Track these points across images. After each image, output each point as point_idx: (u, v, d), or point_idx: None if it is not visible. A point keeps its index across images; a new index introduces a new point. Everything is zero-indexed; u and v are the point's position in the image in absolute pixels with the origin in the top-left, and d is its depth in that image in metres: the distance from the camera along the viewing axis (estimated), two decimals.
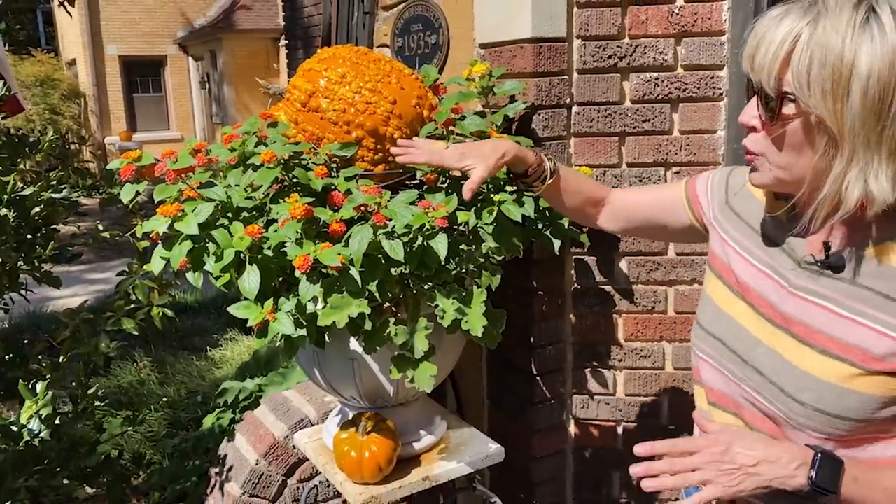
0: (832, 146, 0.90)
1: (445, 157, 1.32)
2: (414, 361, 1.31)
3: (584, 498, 2.02)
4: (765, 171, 0.99)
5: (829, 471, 0.91)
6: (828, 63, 0.87)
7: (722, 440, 0.94)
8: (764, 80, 0.92)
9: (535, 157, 1.34)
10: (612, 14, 1.74)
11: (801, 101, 0.89)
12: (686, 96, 1.76)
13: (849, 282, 0.98)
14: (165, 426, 3.93)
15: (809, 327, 1.00)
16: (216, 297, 6.53)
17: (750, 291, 1.09)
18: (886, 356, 0.93)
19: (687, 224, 1.27)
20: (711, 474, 0.92)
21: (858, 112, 0.87)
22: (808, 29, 0.89)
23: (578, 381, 1.93)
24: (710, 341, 1.13)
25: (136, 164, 1.35)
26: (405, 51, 2.17)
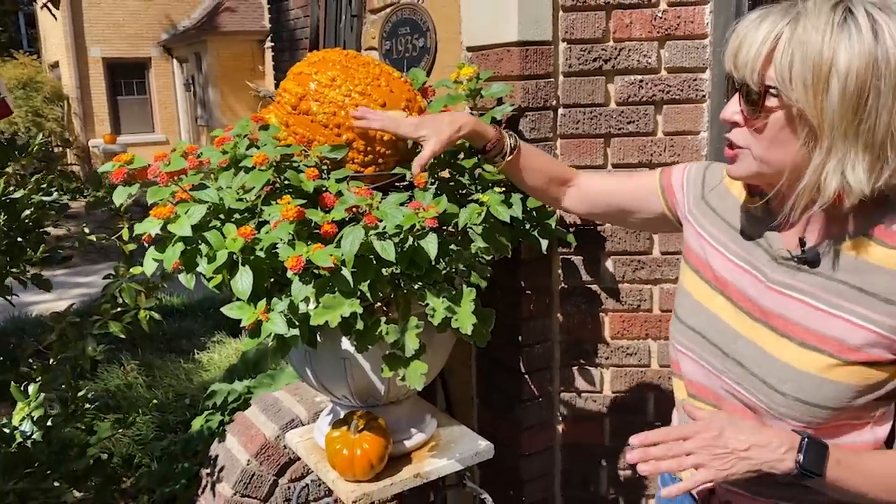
0: (812, 138, 0.95)
1: (401, 125, 1.35)
2: (405, 360, 1.33)
3: (573, 494, 2.05)
4: (746, 163, 1.02)
5: (815, 455, 0.95)
6: (808, 59, 0.91)
7: (714, 425, 0.98)
8: (748, 76, 0.96)
9: (494, 132, 1.36)
10: (596, 18, 1.77)
11: (784, 95, 0.94)
12: (670, 98, 1.80)
13: (825, 276, 1.02)
14: (153, 429, 3.93)
15: (788, 320, 1.04)
16: (203, 300, 6.52)
17: (728, 286, 1.12)
18: (862, 347, 0.98)
19: (659, 213, 1.31)
20: (704, 458, 0.95)
21: (837, 106, 0.91)
22: (789, 28, 0.93)
23: (566, 378, 1.96)
24: (689, 334, 1.17)
25: (128, 167, 1.37)
26: (393, 53, 2.19)
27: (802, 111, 0.93)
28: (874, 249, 0.99)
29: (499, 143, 1.35)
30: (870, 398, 1.01)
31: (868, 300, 0.98)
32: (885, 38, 0.90)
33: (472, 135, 1.35)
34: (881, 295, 0.97)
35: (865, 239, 1.00)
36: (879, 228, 1.00)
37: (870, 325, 0.98)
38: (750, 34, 0.97)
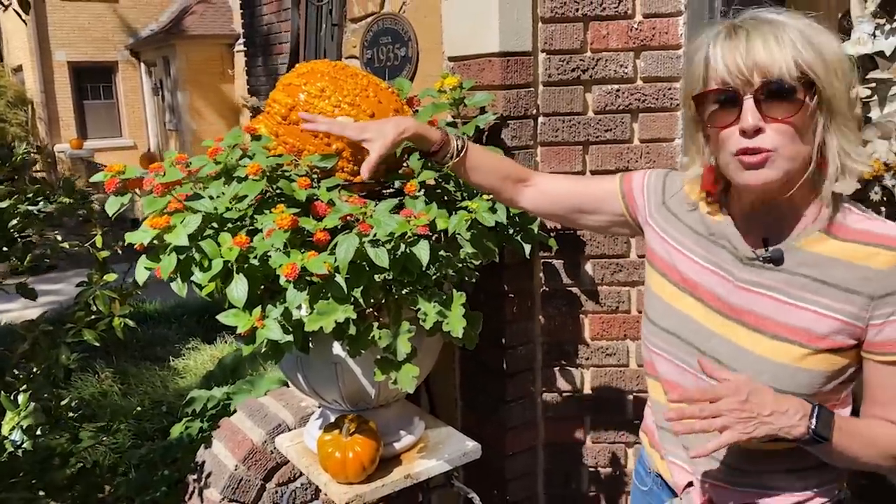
0: (829, 123, 1.03)
1: (347, 128, 1.39)
2: (397, 363, 1.37)
3: (555, 493, 2.10)
4: (779, 166, 1.04)
5: (825, 421, 1.02)
6: (819, 52, 1.01)
7: (743, 390, 1.02)
8: (783, 73, 1.00)
9: (439, 135, 1.38)
10: (574, 29, 1.83)
11: (821, 84, 1.01)
12: (645, 107, 1.86)
13: (788, 272, 1.10)
14: (130, 437, 3.90)
15: (759, 315, 1.11)
16: (176, 307, 6.48)
17: (697, 287, 1.18)
18: (828, 335, 1.06)
19: (618, 215, 1.36)
20: (731, 421, 1.01)
21: (844, 89, 1.02)
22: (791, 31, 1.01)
23: (548, 379, 2.02)
24: (663, 336, 1.22)
25: (121, 177, 1.39)
26: (374, 62, 2.23)
27: (831, 97, 1.01)
28: (830, 244, 1.07)
29: (445, 145, 1.38)
30: (836, 383, 1.09)
31: (830, 291, 1.06)
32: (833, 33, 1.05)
33: (416, 137, 1.38)
34: (841, 285, 1.05)
35: (822, 234, 1.08)
36: (833, 225, 1.08)
37: (833, 313, 1.05)
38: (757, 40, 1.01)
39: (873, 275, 1.03)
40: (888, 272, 1.03)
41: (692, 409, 1.03)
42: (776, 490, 1.16)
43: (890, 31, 1.56)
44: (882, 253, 1.04)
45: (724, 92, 1.04)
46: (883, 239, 1.05)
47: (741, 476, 1.17)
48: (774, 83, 1.00)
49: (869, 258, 1.04)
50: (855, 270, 1.05)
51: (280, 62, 5.40)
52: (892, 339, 1.04)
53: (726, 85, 1.03)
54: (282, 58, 5.43)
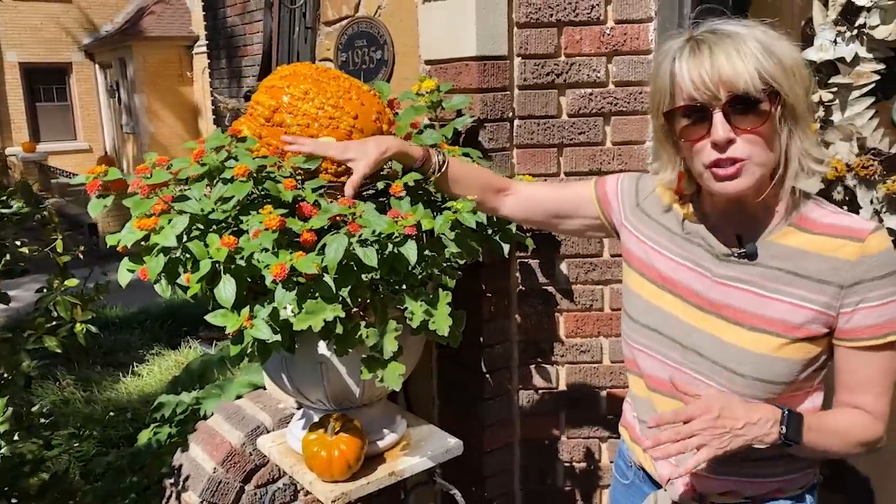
0: (793, 128, 1.09)
1: (329, 148, 1.40)
2: (383, 362, 1.39)
3: (531, 488, 2.14)
4: (752, 173, 1.09)
5: (795, 425, 1.08)
6: (779, 61, 1.06)
7: (714, 407, 1.07)
8: (749, 86, 1.04)
9: (421, 152, 1.42)
10: (549, 34, 1.87)
11: (784, 92, 1.06)
12: (617, 110, 1.91)
13: (763, 266, 1.15)
14: (95, 445, 3.84)
15: (737, 309, 1.16)
16: (139, 312, 6.38)
17: (676, 284, 1.24)
18: (804, 324, 1.12)
19: (594, 219, 1.41)
20: (706, 438, 1.06)
21: (803, 95, 1.08)
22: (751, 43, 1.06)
23: (524, 376, 2.05)
24: (645, 332, 1.27)
25: (103, 179, 1.38)
26: (349, 65, 2.25)
27: (794, 105, 1.07)
28: (801, 237, 1.14)
29: (427, 161, 1.43)
30: (811, 370, 1.15)
31: (803, 282, 1.12)
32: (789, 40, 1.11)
33: (398, 156, 1.41)
34: (813, 276, 1.11)
35: (792, 229, 1.15)
36: (801, 219, 1.15)
37: (807, 304, 1.12)
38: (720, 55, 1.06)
39: (842, 265, 1.10)
40: (855, 262, 1.09)
41: (667, 433, 1.07)
42: (756, 477, 1.22)
43: (850, 39, 1.63)
44: (849, 244, 1.10)
45: (693, 108, 1.09)
46: (849, 231, 1.11)
47: (723, 465, 1.22)
48: (741, 96, 1.06)
49: (837, 249, 1.10)
50: (825, 261, 1.11)
51: (245, 64, 5.36)
52: (860, 325, 1.10)
53: (694, 100, 1.08)
54: (246, 60, 5.40)
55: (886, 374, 1.13)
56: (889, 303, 1.10)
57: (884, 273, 1.09)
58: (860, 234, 1.10)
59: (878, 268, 1.09)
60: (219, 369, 4.12)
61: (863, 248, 1.09)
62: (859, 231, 1.10)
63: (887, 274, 1.09)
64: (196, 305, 5.78)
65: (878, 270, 1.09)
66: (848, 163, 1.68)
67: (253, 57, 5.15)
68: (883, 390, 1.14)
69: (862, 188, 1.68)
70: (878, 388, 1.14)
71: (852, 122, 1.68)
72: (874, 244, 1.09)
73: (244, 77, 5.33)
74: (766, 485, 1.22)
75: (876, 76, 1.64)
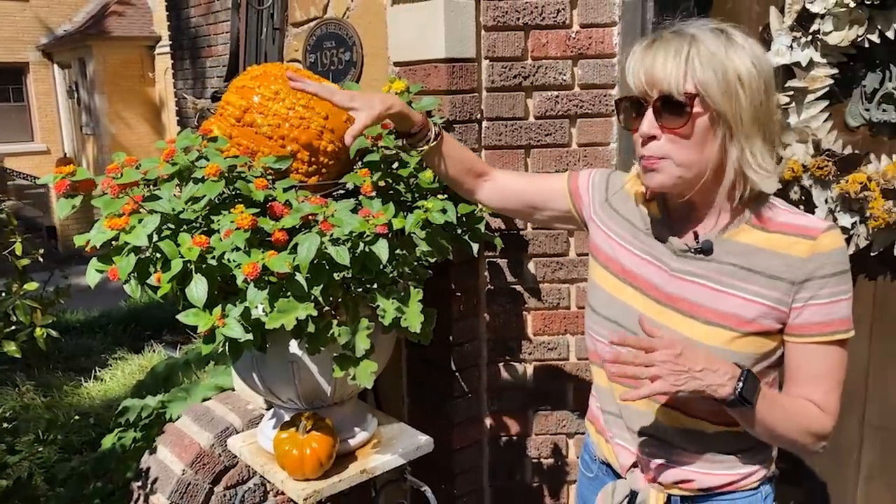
0: (728, 136, 1.12)
1: (336, 94, 1.39)
2: (355, 360, 1.40)
3: (500, 485, 2.17)
4: (669, 171, 1.16)
5: (751, 386, 1.10)
6: (720, 69, 1.09)
7: (678, 345, 1.10)
8: (671, 89, 1.10)
9: (420, 118, 1.44)
10: (516, 37, 1.91)
11: (708, 100, 1.10)
12: (583, 112, 1.95)
13: (718, 261, 1.20)
14: (56, 451, 3.77)
15: (692, 303, 1.20)
16: (100, 317, 6.28)
17: (637, 278, 1.27)
18: (756, 318, 1.16)
19: (565, 211, 1.46)
20: (663, 371, 1.09)
21: (747, 106, 1.11)
22: (693, 47, 1.10)
23: (493, 375, 2.08)
24: (606, 324, 1.31)
25: (72, 179, 1.38)
26: (318, 66, 2.25)
27: (723, 112, 1.10)
28: (756, 235, 1.18)
29: (424, 128, 1.44)
30: (764, 365, 1.19)
31: (756, 278, 1.16)
32: (758, 51, 1.13)
33: (400, 115, 1.41)
34: (766, 272, 1.15)
35: (747, 227, 1.19)
36: (755, 217, 1.19)
37: (760, 299, 1.16)
38: (652, 56, 1.12)
39: (794, 262, 1.14)
40: (807, 259, 1.13)
41: (627, 354, 1.11)
42: (714, 469, 1.25)
43: (805, 44, 1.70)
44: (801, 242, 1.14)
45: (632, 100, 1.16)
46: (802, 229, 1.15)
47: (682, 456, 1.26)
48: (665, 97, 1.11)
49: (790, 247, 1.15)
50: (778, 258, 1.15)
51: (210, 65, 5.32)
52: (810, 321, 1.14)
53: (633, 94, 1.16)
54: (211, 61, 5.35)
55: (835, 371, 1.17)
56: (838, 301, 1.13)
57: (834, 271, 1.13)
58: (813, 232, 1.14)
59: (828, 266, 1.13)
60: (184, 372, 4.08)
61: (815, 246, 1.13)
62: (812, 230, 1.14)
63: (837, 272, 1.13)
64: (159, 309, 5.76)
65: (829, 268, 1.13)
66: (804, 163, 1.74)
67: (218, 58, 5.11)
68: (832, 387, 1.17)
69: (817, 188, 1.75)
70: (827, 384, 1.17)
71: (808, 125, 1.74)
72: (826, 243, 1.13)
73: (209, 78, 5.28)
74: (722, 476, 1.25)
75: (830, 80, 1.70)
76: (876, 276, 1.75)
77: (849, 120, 1.72)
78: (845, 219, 1.71)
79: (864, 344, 1.78)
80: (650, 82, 1.12)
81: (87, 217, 8.63)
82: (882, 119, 1.66)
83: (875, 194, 1.64)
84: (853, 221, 1.70)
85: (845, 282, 1.14)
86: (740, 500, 1.26)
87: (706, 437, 1.24)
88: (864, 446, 1.81)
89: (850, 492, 1.87)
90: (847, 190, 1.67)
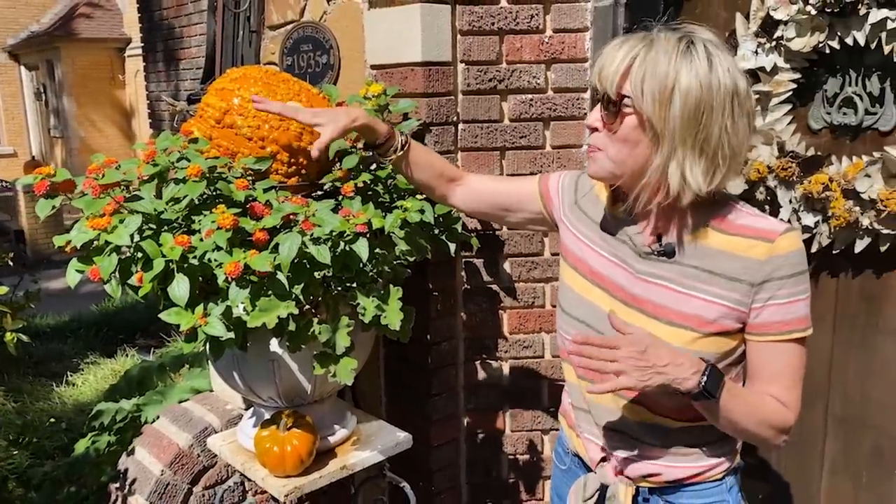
0: (655, 142, 1.15)
1: (300, 112, 1.42)
2: (335, 357, 1.43)
3: (477, 482, 2.20)
4: (602, 163, 1.21)
5: (715, 380, 1.13)
6: (657, 76, 1.12)
7: (643, 341, 1.13)
8: (608, 87, 1.15)
9: (386, 128, 1.46)
10: (490, 42, 1.95)
11: (636, 104, 1.13)
12: (556, 115, 2.00)
13: (680, 264, 1.23)
14: (27, 457, 3.72)
15: (656, 304, 1.24)
16: (71, 321, 6.20)
17: (604, 279, 1.31)
18: (717, 319, 1.20)
19: (537, 213, 1.49)
20: (628, 367, 1.11)
21: (678, 118, 1.12)
22: (644, 51, 1.14)
23: (469, 373, 2.12)
24: (574, 324, 1.34)
25: (51, 180, 1.39)
26: (295, 69, 2.28)
27: (650, 118, 1.13)
28: (716, 237, 1.21)
29: (391, 138, 1.46)
30: (726, 363, 1.23)
31: (717, 280, 1.20)
32: (717, 68, 1.12)
33: (365, 128, 1.43)
34: (726, 274, 1.19)
35: (708, 230, 1.22)
36: (716, 220, 1.22)
37: (720, 300, 1.19)
38: (611, 53, 1.16)
39: (752, 264, 1.18)
40: (765, 261, 1.17)
41: (591, 349, 1.14)
42: (681, 462, 1.30)
43: (769, 50, 1.76)
44: (760, 244, 1.18)
45: (595, 91, 1.20)
46: (761, 232, 1.19)
47: (649, 450, 1.30)
48: (604, 94, 1.16)
49: (749, 249, 1.18)
50: (737, 261, 1.19)
51: (183, 67, 5.29)
52: (769, 321, 1.18)
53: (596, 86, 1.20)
54: (184, 63, 5.33)
55: (794, 368, 1.21)
56: (796, 301, 1.17)
57: (792, 273, 1.17)
58: (771, 235, 1.18)
59: (786, 267, 1.16)
60: (159, 376, 4.05)
61: (772, 249, 1.17)
62: (770, 232, 1.18)
63: (795, 273, 1.17)
64: (132, 312, 5.70)
65: (787, 270, 1.16)
66: (769, 165, 1.80)
67: (192, 60, 5.09)
68: (792, 383, 1.21)
69: (782, 188, 1.81)
70: (787, 380, 1.21)
71: (773, 127, 1.80)
72: (783, 245, 1.17)
73: (182, 80, 5.25)
74: (688, 469, 1.29)
75: (793, 84, 1.77)
76: (838, 273, 1.82)
77: (811, 123, 1.78)
78: (809, 218, 1.77)
79: (827, 337, 1.85)
80: (597, 80, 1.18)
81: (56, 220, 8.50)
82: (842, 122, 1.73)
83: (836, 194, 1.70)
84: (816, 221, 1.76)
85: (803, 282, 1.18)
86: (706, 491, 1.31)
87: (671, 431, 1.28)
88: (828, 437, 1.88)
89: (814, 482, 1.93)
90: (810, 190, 1.73)
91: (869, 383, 1.80)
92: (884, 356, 1.77)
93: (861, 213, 1.68)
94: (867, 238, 1.70)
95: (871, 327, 1.78)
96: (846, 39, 1.66)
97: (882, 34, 1.59)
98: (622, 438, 1.32)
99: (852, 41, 1.64)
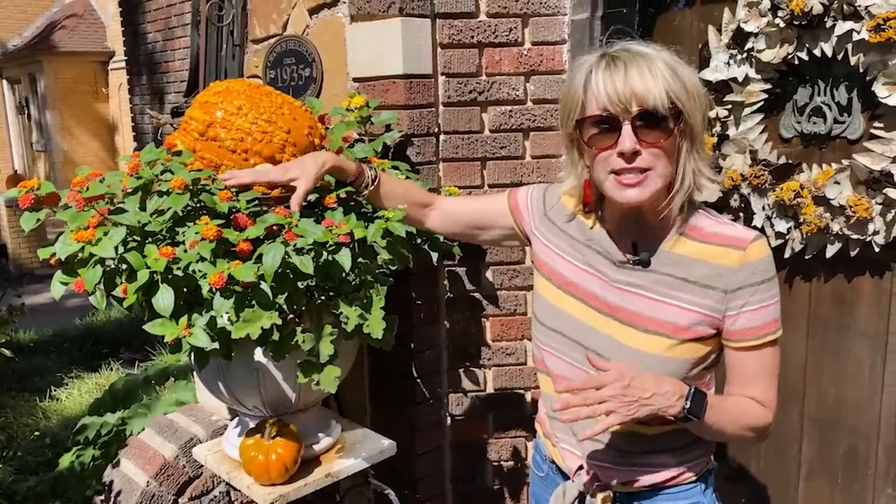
0: (689, 147, 1.20)
1: (271, 173, 1.45)
2: (319, 366, 1.45)
3: (461, 489, 2.22)
4: (654, 182, 1.19)
5: (698, 402, 1.17)
6: (687, 83, 1.17)
7: (625, 374, 1.14)
8: (656, 102, 1.14)
9: (355, 167, 1.50)
10: (470, 54, 1.99)
11: (686, 110, 1.17)
12: (535, 126, 2.04)
13: (655, 272, 1.26)
14: (11, 472, 3.70)
15: (631, 312, 1.27)
16: (54, 336, 6.16)
17: (578, 288, 1.33)
18: (692, 326, 1.23)
19: (509, 229, 1.52)
20: (615, 405, 1.12)
21: (701, 118, 1.19)
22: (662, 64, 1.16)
23: (453, 380, 2.14)
24: (550, 335, 1.37)
25: (36, 194, 1.40)
26: (278, 82, 2.30)
27: (692, 124, 1.18)
28: (689, 245, 1.25)
29: (360, 175, 1.51)
30: (700, 368, 1.26)
31: (691, 287, 1.23)
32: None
33: (334, 170, 1.48)
34: (700, 282, 1.23)
35: (682, 238, 1.26)
36: (689, 228, 1.26)
37: (695, 307, 1.23)
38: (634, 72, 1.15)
39: (725, 271, 1.21)
40: (738, 269, 1.21)
41: (577, 398, 1.14)
42: (656, 467, 1.33)
43: (741, 61, 1.80)
44: (732, 252, 1.22)
45: (605, 118, 1.17)
46: (732, 240, 1.23)
47: (625, 457, 1.33)
48: (650, 111, 1.14)
49: (722, 257, 1.22)
50: (711, 268, 1.22)
51: (167, 80, 5.30)
52: (745, 327, 1.22)
53: (607, 111, 1.16)
54: (168, 76, 5.34)
55: (770, 368, 1.26)
56: (767, 306, 1.22)
57: (763, 279, 1.21)
58: (742, 243, 1.22)
59: (758, 274, 1.21)
60: (144, 389, 4.04)
61: (744, 256, 1.21)
62: (741, 240, 1.22)
63: (766, 279, 1.21)
64: (116, 327, 5.69)
65: (759, 276, 1.21)
66: (742, 173, 1.85)
67: (176, 73, 5.10)
68: (769, 383, 1.26)
69: (755, 196, 1.85)
70: (764, 381, 1.25)
71: (745, 136, 1.85)
72: (754, 252, 1.21)
73: (167, 93, 5.26)
74: (664, 473, 1.32)
75: (764, 94, 1.81)
76: (810, 278, 1.86)
77: (782, 132, 1.83)
78: (781, 224, 1.82)
79: (801, 340, 1.89)
80: (630, 98, 1.14)
81: (39, 235, 8.45)
82: (812, 131, 1.77)
83: (807, 201, 1.75)
84: (788, 227, 1.81)
85: (773, 287, 1.22)
86: (682, 493, 1.34)
87: (646, 438, 1.31)
88: (804, 440, 1.91)
89: (792, 484, 1.96)
90: (782, 197, 1.78)
91: (842, 385, 1.85)
92: (856, 358, 1.81)
93: (831, 219, 1.73)
94: (838, 243, 1.74)
95: (844, 330, 1.82)
96: (814, 51, 1.71)
97: (848, 45, 1.64)
98: (598, 446, 1.34)
99: (820, 52, 1.70)
